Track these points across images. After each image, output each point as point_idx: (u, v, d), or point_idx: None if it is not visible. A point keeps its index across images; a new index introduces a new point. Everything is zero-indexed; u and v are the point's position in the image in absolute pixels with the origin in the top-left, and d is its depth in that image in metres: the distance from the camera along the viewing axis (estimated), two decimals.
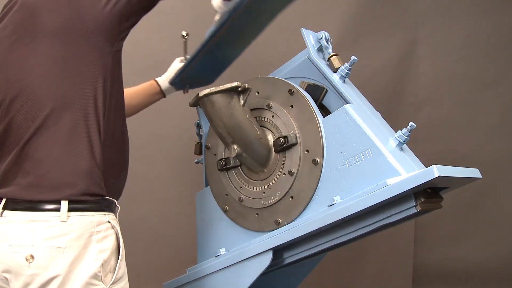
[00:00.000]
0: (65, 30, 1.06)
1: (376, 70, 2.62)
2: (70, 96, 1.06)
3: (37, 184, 1.05)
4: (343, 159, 1.23)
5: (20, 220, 1.05)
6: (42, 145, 1.05)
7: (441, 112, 2.72)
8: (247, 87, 1.29)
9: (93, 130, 1.09)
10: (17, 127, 1.08)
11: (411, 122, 1.16)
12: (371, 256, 2.78)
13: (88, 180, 1.07)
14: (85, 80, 1.08)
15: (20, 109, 1.07)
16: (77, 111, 1.07)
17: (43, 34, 1.06)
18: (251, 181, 1.43)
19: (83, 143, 1.07)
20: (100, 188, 1.11)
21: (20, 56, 1.08)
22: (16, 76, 1.08)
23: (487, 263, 2.73)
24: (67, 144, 1.06)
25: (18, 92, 1.07)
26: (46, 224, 1.03)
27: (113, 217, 1.14)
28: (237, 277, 1.37)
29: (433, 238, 2.77)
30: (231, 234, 1.47)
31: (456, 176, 1.10)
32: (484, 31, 2.66)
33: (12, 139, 1.09)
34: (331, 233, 1.25)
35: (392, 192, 1.08)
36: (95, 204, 1.09)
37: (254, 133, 1.34)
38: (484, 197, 2.73)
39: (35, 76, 1.06)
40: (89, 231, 1.06)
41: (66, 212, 1.04)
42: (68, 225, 1.04)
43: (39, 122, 1.05)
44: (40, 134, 1.05)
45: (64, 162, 1.05)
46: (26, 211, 1.05)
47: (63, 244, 1.03)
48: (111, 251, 1.10)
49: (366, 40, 2.60)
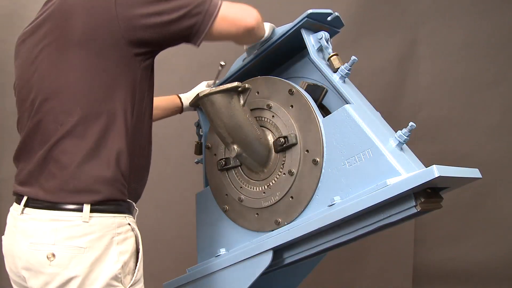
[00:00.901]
0: (97, 40, 1.05)
1: (376, 70, 2.62)
2: (99, 106, 1.07)
3: (60, 189, 1.05)
4: (343, 159, 1.23)
5: (42, 218, 1.06)
6: (68, 150, 1.06)
7: (441, 112, 2.73)
8: (247, 87, 1.29)
9: (120, 140, 1.09)
10: (45, 128, 1.08)
11: (411, 122, 1.16)
12: (371, 256, 2.79)
13: (111, 188, 1.08)
14: (114, 91, 1.08)
15: (49, 111, 1.08)
16: (105, 121, 1.07)
17: (77, 41, 1.05)
18: (251, 181, 1.43)
19: (110, 153, 1.08)
20: (122, 194, 1.11)
21: (53, 59, 1.08)
22: (49, 78, 1.08)
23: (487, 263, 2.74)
24: (93, 153, 1.06)
25: (50, 94, 1.08)
26: (68, 223, 1.04)
27: (132, 219, 1.15)
28: (237, 277, 1.37)
29: (433, 238, 2.77)
30: (231, 234, 1.47)
31: (456, 176, 1.10)
32: (484, 31, 2.66)
33: (40, 138, 1.10)
34: (331, 233, 1.25)
35: (392, 192, 1.08)
36: (116, 206, 1.10)
37: (254, 133, 1.34)
38: (484, 197, 2.73)
39: (67, 82, 1.07)
40: (111, 232, 1.07)
41: (89, 213, 1.05)
42: (90, 226, 1.05)
43: (68, 128, 1.06)
44: (68, 139, 1.06)
45: (89, 170, 1.06)
46: (48, 209, 1.06)
47: (85, 244, 1.04)
48: (131, 253, 1.11)
49: (366, 40, 2.60)
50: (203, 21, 1.12)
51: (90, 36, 1.05)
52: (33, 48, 1.12)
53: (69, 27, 1.06)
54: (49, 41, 1.09)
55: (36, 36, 1.12)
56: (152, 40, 1.10)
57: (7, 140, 2.48)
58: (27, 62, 1.14)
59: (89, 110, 1.06)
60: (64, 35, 1.06)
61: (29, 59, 1.13)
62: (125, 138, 1.10)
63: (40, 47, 1.10)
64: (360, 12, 2.55)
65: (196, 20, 1.11)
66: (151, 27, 1.07)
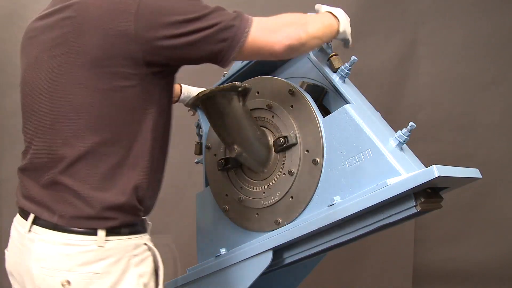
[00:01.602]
0: (114, 60, 0.99)
1: (376, 70, 2.63)
2: (116, 130, 1.01)
3: (71, 216, 1.00)
4: (343, 159, 1.23)
5: (53, 241, 1.00)
6: (80, 176, 1.00)
7: (441, 112, 2.73)
8: (247, 87, 1.29)
9: (139, 166, 1.04)
10: (55, 150, 1.02)
11: (411, 122, 1.17)
12: (371, 256, 2.79)
13: (127, 214, 1.04)
14: (134, 113, 1.03)
15: (60, 133, 1.02)
16: (123, 147, 1.02)
17: (92, 59, 0.98)
18: (251, 181, 1.43)
19: (127, 181, 1.02)
20: (137, 218, 1.08)
21: (66, 74, 1.01)
22: (60, 95, 1.01)
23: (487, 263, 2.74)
24: (108, 181, 1.01)
25: (61, 114, 1.01)
26: (82, 248, 0.99)
27: (148, 237, 1.11)
28: (237, 277, 1.37)
29: (433, 238, 2.78)
30: (231, 234, 1.47)
31: (456, 176, 1.10)
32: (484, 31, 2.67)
33: (49, 159, 1.03)
34: (331, 233, 1.25)
35: (392, 192, 1.09)
36: (132, 227, 1.06)
37: (254, 133, 1.34)
38: (484, 197, 2.74)
39: (81, 103, 1.00)
40: (127, 255, 1.03)
41: (104, 237, 1.00)
42: (106, 250, 1.00)
43: (80, 152, 1.00)
44: (80, 164, 1.00)
45: (102, 198, 1.00)
46: (58, 231, 1.00)
47: (101, 269, 0.99)
48: (150, 273, 1.07)
49: (367, 40, 2.61)
50: (229, 48, 1.05)
51: (107, 55, 0.98)
52: (42, 52, 1.05)
53: (85, 43, 0.99)
54: (61, 52, 1.01)
55: (47, 37, 1.05)
56: (173, 62, 1.05)
57: (7, 141, 2.49)
58: (36, 68, 1.06)
59: (104, 135, 1.00)
60: (78, 50, 0.99)
61: (39, 65, 1.05)
62: (146, 162, 1.05)
63: (51, 55, 1.03)
64: (360, 12, 2.56)
65: (222, 47, 1.04)
66: (172, 49, 1.01)
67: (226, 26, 1.03)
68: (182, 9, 1.00)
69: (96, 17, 0.98)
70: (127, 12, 0.97)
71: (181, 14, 0.99)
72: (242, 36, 1.05)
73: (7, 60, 2.40)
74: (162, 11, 0.98)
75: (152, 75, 1.03)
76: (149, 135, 1.05)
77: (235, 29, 1.04)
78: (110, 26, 0.97)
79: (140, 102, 1.03)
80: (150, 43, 0.99)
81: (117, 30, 0.97)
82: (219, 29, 1.02)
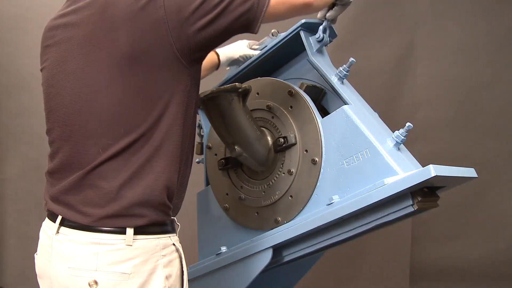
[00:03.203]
0: (146, 56, 0.97)
1: (374, 71, 2.64)
2: (147, 128, 0.99)
3: (100, 216, 0.98)
4: (342, 158, 1.25)
5: (81, 241, 0.98)
6: (109, 175, 0.98)
7: (437, 113, 2.75)
8: (248, 88, 1.30)
9: (170, 162, 1.02)
10: (85, 151, 1.00)
11: (408, 123, 1.18)
12: (369, 254, 2.80)
13: (156, 211, 1.01)
14: (165, 109, 1.00)
15: (91, 134, 0.99)
16: (154, 144, 1.00)
17: (123, 57, 0.96)
18: (251, 181, 1.44)
19: (157, 177, 1.00)
20: (167, 216, 1.05)
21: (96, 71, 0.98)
22: (90, 95, 0.99)
23: (483, 261, 2.76)
24: (136, 177, 0.98)
25: (91, 114, 0.99)
26: (110, 247, 0.97)
27: (176, 238, 1.09)
28: (237, 275, 1.38)
29: (430, 237, 2.79)
30: (232, 232, 1.48)
31: (452, 175, 1.12)
32: (480, 33, 2.69)
33: (78, 160, 1.01)
34: (330, 232, 1.26)
35: (389, 191, 1.10)
36: (161, 227, 1.04)
37: (254, 133, 1.35)
38: (480, 196, 2.75)
39: (110, 102, 0.98)
40: (155, 255, 1.00)
41: (132, 235, 0.98)
42: (134, 249, 0.98)
43: (111, 153, 0.98)
44: (109, 163, 0.98)
45: (132, 196, 0.98)
46: (86, 230, 0.98)
47: (129, 270, 0.97)
48: (177, 275, 1.04)
49: (364, 41, 2.62)
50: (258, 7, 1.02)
51: (140, 49, 0.96)
52: (68, 51, 1.02)
53: (116, 39, 0.96)
54: (90, 49, 0.99)
55: (73, 35, 1.02)
56: (206, 41, 1.02)
57: (10, 141, 2.50)
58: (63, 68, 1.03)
59: (136, 133, 0.98)
60: (110, 47, 0.97)
61: (65, 65, 1.03)
62: (176, 158, 1.03)
63: (79, 53, 1.00)
64: (358, 14, 2.57)
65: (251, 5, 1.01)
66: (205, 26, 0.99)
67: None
68: None
69: (126, 12, 0.96)
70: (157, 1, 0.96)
71: None
72: None
73: (11, 62, 2.41)
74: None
75: (184, 65, 1.01)
76: (180, 130, 1.03)
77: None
78: (142, 19, 0.96)
79: (172, 95, 1.01)
80: (183, 26, 0.97)
81: (149, 21, 0.96)
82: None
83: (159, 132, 1.00)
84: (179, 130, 1.03)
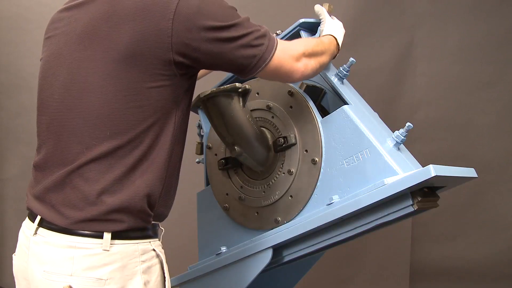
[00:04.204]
0: (143, 59, 0.95)
1: (373, 71, 2.65)
2: (136, 132, 0.97)
3: (78, 219, 0.95)
4: (342, 158, 1.25)
5: (58, 244, 0.96)
6: (91, 177, 0.95)
7: (437, 113, 2.75)
8: (247, 88, 1.30)
9: (153, 173, 0.99)
10: (68, 148, 0.98)
11: (408, 122, 1.18)
12: (368, 254, 2.80)
13: (136, 218, 0.98)
14: (155, 115, 0.98)
15: (75, 131, 0.97)
16: (141, 151, 0.97)
17: (123, 54, 0.94)
18: (251, 181, 1.44)
19: (139, 185, 0.98)
20: (147, 223, 1.02)
21: (90, 67, 0.96)
22: (79, 92, 0.97)
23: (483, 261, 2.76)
24: (119, 184, 0.96)
25: (79, 111, 0.97)
26: (86, 251, 0.95)
27: (158, 243, 1.05)
28: (237, 275, 1.38)
29: (430, 237, 2.80)
30: (232, 232, 1.49)
31: (452, 175, 1.12)
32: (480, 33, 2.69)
33: (61, 157, 0.99)
34: (330, 232, 1.27)
35: (389, 191, 1.10)
36: (141, 232, 1.01)
37: (254, 134, 1.35)
38: (480, 196, 2.76)
39: (99, 103, 0.95)
40: (134, 261, 0.98)
41: (109, 240, 0.95)
42: (111, 254, 0.95)
43: (95, 154, 0.95)
44: (92, 165, 0.96)
45: (112, 201, 0.95)
46: (63, 233, 0.96)
47: (105, 275, 0.94)
48: (157, 281, 1.01)
49: (364, 41, 2.63)
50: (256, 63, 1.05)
51: (139, 52, 0.94)
52: (67, 45, 1.01)
53: (117, 38, 0.95)
54: (88, 45, 0.97)
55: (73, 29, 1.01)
56: (201, 65, 1.03)
57: (10, 141, 2.50)
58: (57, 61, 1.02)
59: (124, 138, 0.96)
60: (110, 45, 0.95)
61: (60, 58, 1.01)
62: (162, 167, 1.01)
63: (76, 48, 0.98)
64: (358, 14, 2.58)
65: (251, 61, 1.04)
66: (205, 52, 0.99)
67: (258, 42, 1.04)
68: (220, 16, 0.99)
69: (132, 13, 0.95)
70: (167, 11, 0.94)
71: (218, 20, 0.98)
72: (270, 54, 1.06)
73: (11, 62, 2.41)
74: (200, 14, 0.96)
75: (179, 76, 1.00)
76: (169, 140, 1.02)
77: (264, 47, 1.05)
78: (148, 24, 0.94)
79: (164, 105, 0.99)
80: (185, 44, 0.96)
81: (154, 28, 0.94)
82: (250, 43, 1.02)
83: (147, 142, 0.99)
84: (168, 140, 1.02)
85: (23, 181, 2.52)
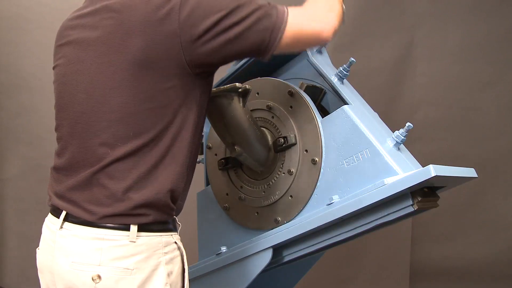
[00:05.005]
0: (158, 62, 0.98)
1: (373, 71, 2.65)
2: (157, 132, 1.01)
3: (106, 214, 0.99)
4: (342, 158, 1.25)
5: (85, 236, 1.00)
6: (118, 176, 1.00)
7: (437, 113, 2.76)
8: (248, 88, 1.30)
9: (176, 168, 1.04)
10: (93, 150, 1.02)
11: (408, 122, 1.18)
12: (368, 254, 2.81)
13: (160, 212, 1.03)
14: (174, 114, 1.02)
15: (99, 133, 1.01)
16: (162, 149, 1.02)
17: (136, 61, 0.98)
18: (251, 181, 1.44)
19: (163, 180, 1.02)
20: (169, 216, 1.07)
21: (109, 72, 1.00)
22: (100, 95, 1.01)
23: (483, 261, 2.76)
24: (144, 180, 1.00)
25: (102, 114, 1.01)
26: (114, 243, 0.99)
27: (178, 237, 1.10)
28: (237, 275, 1.39)
29: (430, 237, 2.80)
30: (232, 232, 1.49)
31: (452, 175, 1.12)
32: (480, 33, 2.69)
33: (86, 159, 1.03)
34: (330, 232, 1.27)
35: (389, 191, 1.10)
36: (163, 225, 1.06)
37: (254, 134, 1.35)
38: (480, 196, 2.76)
39: (121, 106, 0.99)
40: (158, 252, 1.02)
41: (136, 232, 1.00)
42: (137, 246, 1.00)
43: (119, 154, 1.00)
44: (117, 164, 1.00)
45: (137, 197, 1.00)
46: (90, 226, 1.00)
47: (132, 265, 0.99)
48: (178, 273, 1.06)
49: (364, 42, 2.63)
50: (271, 37, 1.02)
51: (152, 57, 0.98)
52: (83, 51, 1.04)
53: (130, 44, 0.98)
54: (104, 51, 1.00)
55: (88, 36, 1.04)
56: (217, 60, 1.04)
57: (10, 141, 2.50)
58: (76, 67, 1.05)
59: (145, 137, 1.00)
60: (123, 51, 0.98)
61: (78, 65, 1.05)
62: (183, 163, 1.05)
63: (93, 54, 1.02)
64: (358, 14, 2.58)
65: (264, 37, 1.02)
66: (216, 47, 1.00)
67: (264, 14, 1.02)
68: (220, 5, 0.99)
69: (143, 19, 0.98)
70: (173, 13, 0.97)
71: (219, 11, 0.98)
72: (283, 23, 1.03)
73: (11, 62, 2.41)
74: (202, 10, 0.98)
75: (194, 76, 1.03)
76: (188, 136, 1.05)
77: (274, 18, 1.02)
78: (157, 29, 0.97)
79: (182, 103, 1.03)
80: (194, 43, 0.98)
81: (164, 32, 0.97)
82: (257, 19, 1.01)
83: (168, 138, 1.02)
84: (187, 137, 1.05)
85: (23, 181, 2.53)
